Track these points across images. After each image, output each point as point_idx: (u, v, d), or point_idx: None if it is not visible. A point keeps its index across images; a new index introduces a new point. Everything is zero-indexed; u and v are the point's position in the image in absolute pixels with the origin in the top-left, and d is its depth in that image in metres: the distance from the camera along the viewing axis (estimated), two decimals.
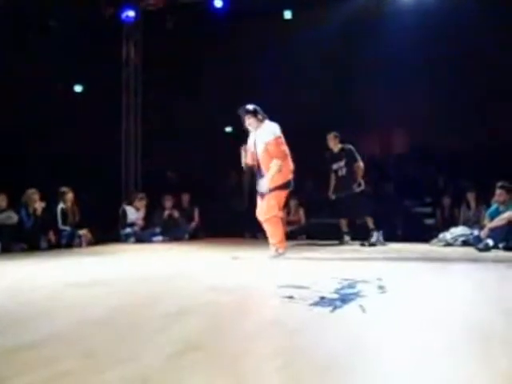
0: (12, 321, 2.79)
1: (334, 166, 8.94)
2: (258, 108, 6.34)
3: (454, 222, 9.38)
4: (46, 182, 9.43)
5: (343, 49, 11.20)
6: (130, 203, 10.53)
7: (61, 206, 9.08)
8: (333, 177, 9.03)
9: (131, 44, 11.99)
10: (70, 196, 9.18)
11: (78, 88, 13.40)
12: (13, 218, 8.34)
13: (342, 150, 8.89)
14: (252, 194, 12.11)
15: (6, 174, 9.41)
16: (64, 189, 9.17)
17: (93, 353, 2.11)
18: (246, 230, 10.68)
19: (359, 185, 8.67)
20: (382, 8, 10.66)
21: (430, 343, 2.26)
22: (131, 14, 11.58)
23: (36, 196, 8.70)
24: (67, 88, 12.99)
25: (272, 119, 6.33)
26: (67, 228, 9.00)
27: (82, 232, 9.08)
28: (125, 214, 10.29)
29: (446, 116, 10.98)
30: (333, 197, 9.04)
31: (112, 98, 11.86)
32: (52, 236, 8.72)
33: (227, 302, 3.35)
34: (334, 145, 8.93)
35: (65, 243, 8.85)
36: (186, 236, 10.70)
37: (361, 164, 8.77)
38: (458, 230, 8.70)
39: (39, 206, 8.67)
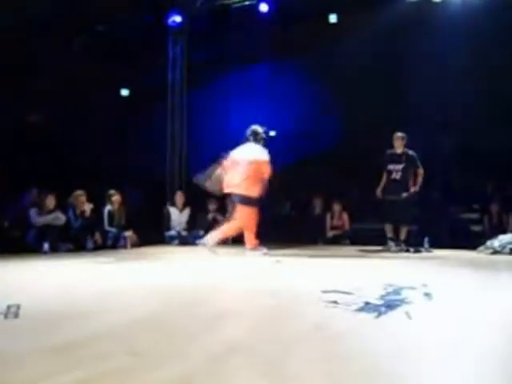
0: (62, 318, 2.85)
1: (390, 167, 8.71)
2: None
3: (503, 229, 9.15)
4: (92, 183, 9.61)
5: (389, 52, 11.07)
6: (173, 204, 10.64)
7: (108, 208, 9.26)
8: (385, 177, 8.83)
9: (177, 48, 12.14)
10: (117, 198, 9.34)
11: (124, 92, 13.63)
12: (60, 218, 8.55)
13: (405, 153, 8.69)
14: (294, 201, 12.15)
15: (54, 176, 9.63)
16: (112, 191, 9.35)
17: (141, 351, 2.14)
18: (290, 234, 10.68)
19: (415, 191, 8.55)
20: (428, 9, 10.51)
21: (477, 355, 2.21)
22: (177, 18, 11.73)
23: (83, 198, 8.89)
24: (114, 92, 13.22)
25: (318, 125, 6.38)
26: (113, 229, 9.16)
27: (127, 234, 9.23)
28: (169, 215, 10.40)
29: (496, 120, 10.73)
30: (380, 196, 8.84)
31: (158, 101, 12.03)
32: (98, 237, 8.89)
33: (271, 306, 3.35)
34: (399, 146, 8.68)
35: (110, 244, 9.02)
36: (230, 240, 10.74)
37: (421, 171, 8.58)
38: (507, 238, 8.47)
39: (88, 207, 8.86)
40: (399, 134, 8.71)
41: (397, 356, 2.14)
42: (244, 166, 7.31)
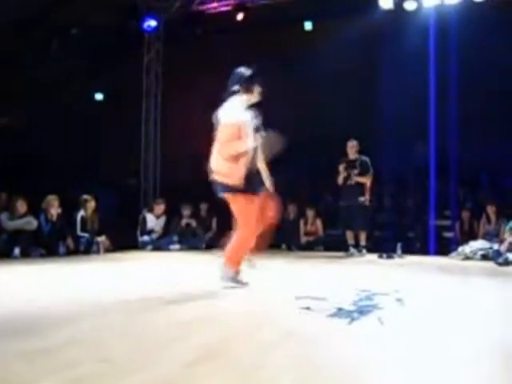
0: (31, 325, 2.80)
1: (345, 173, 8.92)
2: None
3: (474, 236, 9.27)
4: (66, 188, 9.50)
5: (364, 60, 11.16)
6: (151, 210, 10.56)
7: (81, 213, 9.12)
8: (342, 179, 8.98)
9: (152, 53, 12.09)
10: (91, 204, 9.23)
11: (99, 96, 13.53)
12: (32, 223, 8.40)
13: (358, 159, 8.89)
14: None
15: (26, 180, 9.50)
16: (86, 197, 9.22)
17: (110, 358, 2.11)
18: (263, 239, 10.67)
19: (365, 198, 8.70)
20: (403, 19, 10.64)
21: (447, 358, 2.23)
22: (153, 23, 11.69)
23: (55, 202, 8.76)
24: (88, 96, 13.13)
25: (291, 131, 6.26)
26: (85, 235, 9.05)
27: (100, 239, 9.13)
28: (145, 221, 10.32)
29: (467, 128, 10.88)
30: (341, 183, 8.96)
31: (132, 106, 11.96)
32: (70, 242, 8.77)
33: (244, 312, 3.34)
34: (352, 153, 8.96)
35: (83, 250, 8.91)
36: (203, 245, 10.70)
37: (370, 177, 8.77)
38: (478, 244, 8.59)
39: (55, 211, 8.72)
40: (351, 143, 9.01)
41: (369, 361, 2.15)
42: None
